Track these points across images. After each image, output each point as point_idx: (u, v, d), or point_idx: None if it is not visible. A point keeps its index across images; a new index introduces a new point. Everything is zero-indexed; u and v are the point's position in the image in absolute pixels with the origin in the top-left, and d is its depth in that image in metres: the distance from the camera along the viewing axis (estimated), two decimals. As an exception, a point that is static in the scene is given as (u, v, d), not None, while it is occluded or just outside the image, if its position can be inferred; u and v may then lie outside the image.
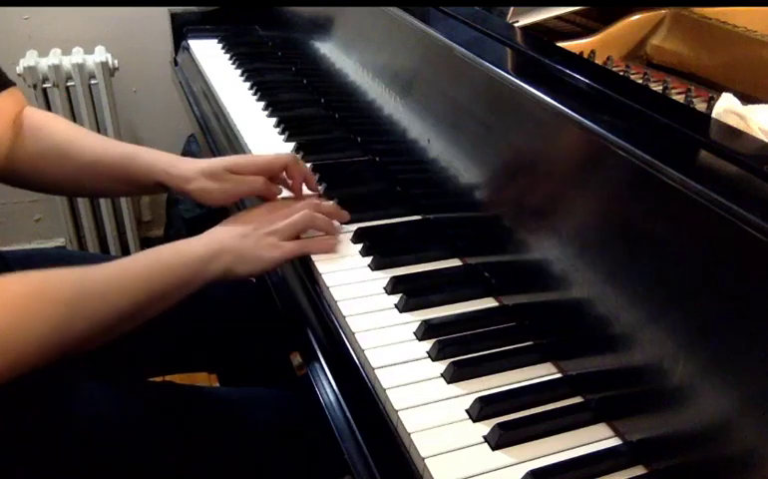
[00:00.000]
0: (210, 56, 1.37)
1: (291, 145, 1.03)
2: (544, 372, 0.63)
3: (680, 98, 0.83)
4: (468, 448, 0.55)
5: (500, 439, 0.55)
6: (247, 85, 1.23)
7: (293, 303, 0.78)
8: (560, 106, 0.63)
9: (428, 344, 0.65)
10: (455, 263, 0.78)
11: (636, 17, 0.96)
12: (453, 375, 0.61)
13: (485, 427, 0.57)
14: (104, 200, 1.85)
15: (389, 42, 0.94)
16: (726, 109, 0.63)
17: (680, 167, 0.51)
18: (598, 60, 0.91)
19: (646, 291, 0.54)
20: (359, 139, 1.04)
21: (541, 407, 0.59)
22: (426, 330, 0.66)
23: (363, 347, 0.65)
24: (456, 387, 0.61)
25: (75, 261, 0.99)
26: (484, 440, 0.56)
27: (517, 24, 0.89)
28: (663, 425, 0.52)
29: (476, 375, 0.62)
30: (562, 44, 0.86)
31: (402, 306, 0.70)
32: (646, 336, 0.53)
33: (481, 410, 0.58)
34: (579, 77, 0.67)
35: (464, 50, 0.76)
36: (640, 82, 0.86)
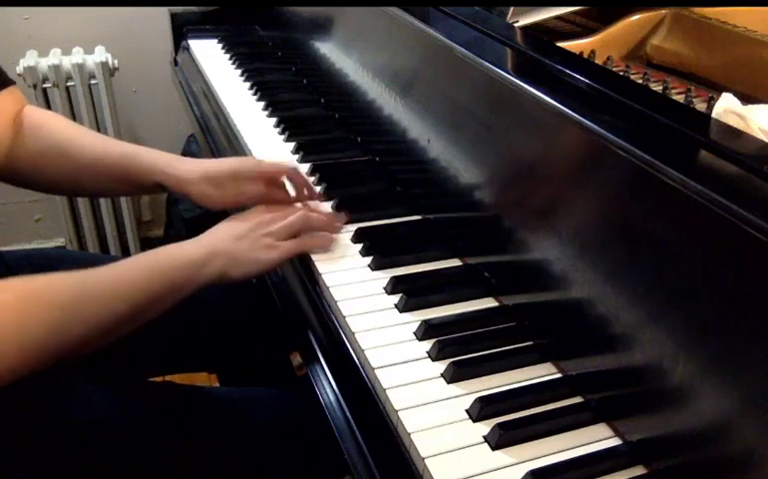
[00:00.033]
0: (210, 56, 1.37)
1: (291, 145, 1.03)
2: (544, 372, 0.63)
3: (680, 98, 0.83)
4: (468, 448, 0.55)
5: (500, 439, 0.55)
6: (247, 85, 1.23)
7: (293, 303, 0.78)
8: (560, 106, 0.63)
9: (428, 344, 0.65)
10: (455, 263, 0.78)
11: (636, 17, 0.96)
12: (453, 375, 0.61)
13: (485, 427, 0.57)
14: (104, 200, 1.84)
15: (389, 42, 0.94)
16: (726, 109, 0.63)
17: (680, 167, 0.51)
18: (598, 60, 0.91)
19: (646, 291, 0.54)
20: (359, 139, 1.04)
21: (541, 407, 0.59)
22: (426, 330, 0.66)
23: (363, 347, 0.65)
24: (456, 387, 0.61)
25: (75, 261, 1.00)
26: (484, 440, 0.56)
27: (517, 24, 0.89)
28: (663, 425, 0.52)
29: (476, 375, 0.62)
30: (562, 44, 0.86)
31: (402, 306, 0.70)
32: (646, 336, 0.53)
33: (481, 410, 0.58)
34: (579, 77, 0.67)
35: (464, 50, 0.76)
36: (640, 82, 0.86)
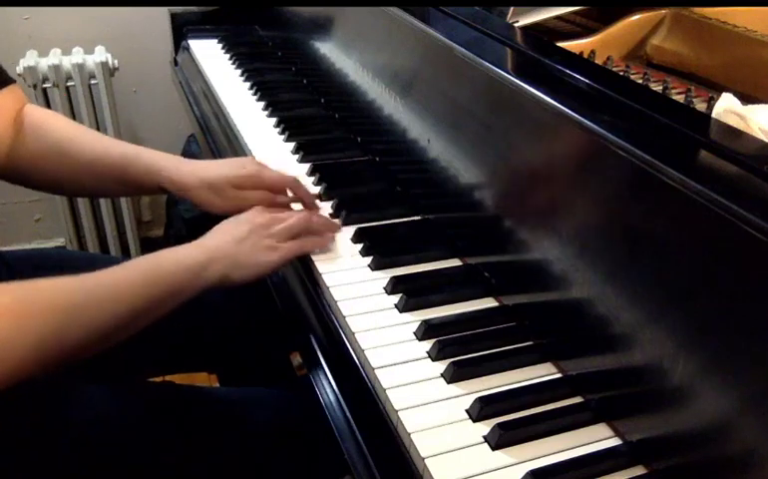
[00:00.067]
0: (210, 56, 1.37)
1: (291, 145, 1.03)
2: (544, 372, 0.63)
3: (680, 98, 0.83)
4: (468, 448, 0.55)
5: (500, 439, 0.55)
6: (247, 85, 1.23)
7: (293, 303, 0.78)
8: (560, 106, 0.63)
9: (428, 344, 0.65)
10: (455, 263, 0.78)
11: (636, 17, 0.96)
12: (453, 375, 0.61)
13: (485, 427, 0.57)
14: (104, 200, 1.84)
15: (389, 42, 0.94)
16: (726, 109, 0.63)
17: (680, 167, 0.51)
18: (598, 60, 0.91)
19: (646, 291, 0.54)
20: (359, 139, 1.04)
21: (541, 407, 0.59)
22: (426, 330, 0.66)
23: (363, 347, 0.65)
24: (456, 387, 0.61)
25: (75, 261, 1.00)
26: (484, 440, 0.56)
27: (517, 24, 0.89)
28: (663, 425, 0.52)
29: (476, 375, 0.62)
30: (562, 44, 0.86)
31: (402, 306, 0.70)
32: (646, 336, 0.53)
33: (481, 410, 0.58)
34: (579, 77, 0.67)
35: (464, 50, 0.76)
36: (640, 82, 0.86)
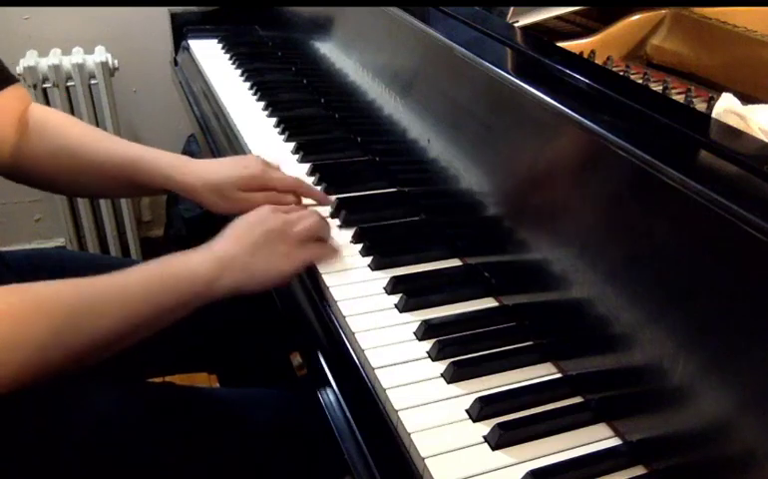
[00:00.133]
0: (210, 56, 1.37)
1: (291, 145, 1.03)
2: (544, 372, 0.63)
3: (680, 98, 0.83)
4: (468, 448, 0.55)
5: (500, 439, 0.55)
6: (247, 85, 1.23)
7: (293, 303, 0.78)
8: (560, 106, 0.63)
9: (428, 344, 0.65)
10: (455, 263, 0.78)
11: (636, 17, 0.96)
12: (453, 375, 0.61)
13: (485, 427, 0.57)
14: (104, 200, 1.84)
15: (389, 42, 0.94)
16: (726, 109, 0.63)
17: (680, 167, 0.51)
18: (598, 60, 0.91)
19: (646, 291, 0.54)
20: (359, 139, 1.04)
21: (541, 407, 0.59)
22: (426, 330, 0.66)
23: (363, 347, 0.65)
24: (456, 387, 0.61)
25: (75, 262, 1.00)
26: (484, 440, 0.56)
27: (517, 24, 0.89)
28: (663, 425, 0.52)
29: (476, 375, 0.62)
30: (562, 44, 0.86)
31: (402, 306, 0.70)
32: (646, 336, 0.53)
33: (481, 410, 0.58)
34: (579, 77, 0.67)
35: (464, 50, 0.76)
36: (640, 82, 0.86)
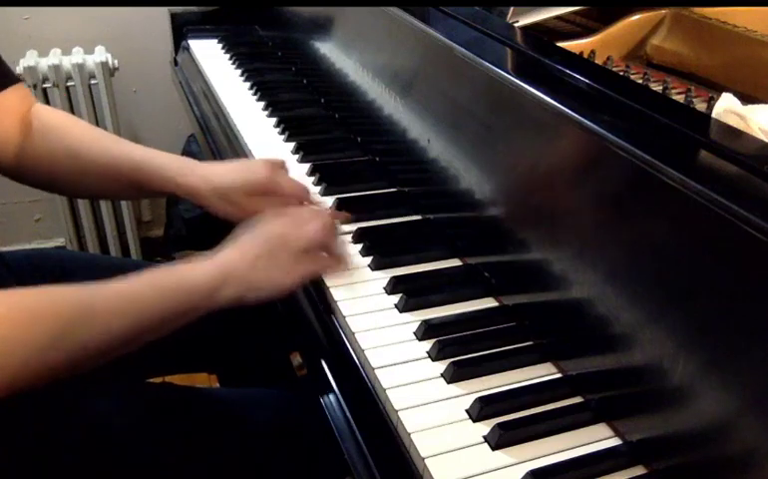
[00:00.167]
0: (210, 56, 1.37)
1: (291, 145, 1.03)
2: (544, 372, 0.63)
3: (680, 98, 0.83)
4: (468, 448, 0.56)
5: (500, 439, 0.55)
6: (247, 85, 1.23)
7: (293, 304, 0.78)
8: (560, 106, 0.63)
9: (428, 344, 0.65)
10: (455, 263, 0.78)
11: (636, 17, 0.96)
12: (453, 375, 0.61)
13: (485, 427, 0.57)
14: (104, 200, 1.84)
15: (389, 42, 0.94)
16: (726, 109, 0.63)
17: (680, 167, 0.51)
18: (598, 60, 0.91)
19: (646, 291, 0.54)
20: (359, 139, 1.04)
21: (541, 407, 0.59)
22: (426, 330, 0.66)
23: (363, 347, 0.65)
24: (456, 387, 0.61)
25: (75, 262, 1.00)
26: (484, 440, 0.56)
27: (517, 24, 0.89)
28: (663, 425, 0.52)
29: (476, 375, 0.62)
30: (562, 44, 0.86)
31: (402, 306, 0.70)
32: (646, 336, 0.53)
33: (481, 410, 0.58)
34: (579, 77, 0.67)
35: (464, 50, 0.76)
36: (640, 82, 0.86)
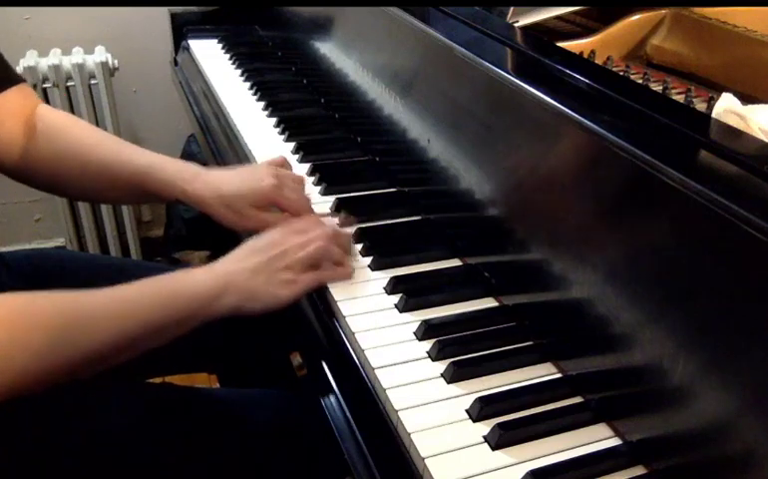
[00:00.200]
0: (210, 56, 1.37)
1: (291, 145, 1.03)
2: (544, 372, 0.63)
3: (680, 98, 0.83)
4: (468, 448, 0.55)
5: (500, 439, 0.55)
6: (247, 85, 1.23)
7: (293, 304, 0.78)
8: (560, 106, 0.63)
9: (428, 344, 0.65)
10: (455, 263, 0.78)
11: (636, 17, 0.96)
12: (453, 375, 0.61)
13: (485, 427, 0.57)
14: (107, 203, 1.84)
15: (389, 42, 0.94)
16: (726, 109, 0.63)
17: (680, 167, 0.51)
18: (598, 60, 0.91)
19: (646, 291, 0.54)
20: (359, 139, 1.04)
21: (541, 407, 0.59)
22: (426, 330, 0.66)
23: (363, 347, 0.65)
24: (456, 387, 0.61)
25: (75, 262, 1.00)
26: (484, 440, 0.56)
27: (517, 24, 0.89)
28: (663, 425, 0.52)
29: (476, 375, 0.62)
30: (562, 44, 0.86)
31: (402, 306, 0.70)
32: (646, 336, 0.53)
33: (481, 410, 0.58)
34: (579, 77, 0.67)
35: (464, 50, 0.76)
36: (640, 82, 0.86)
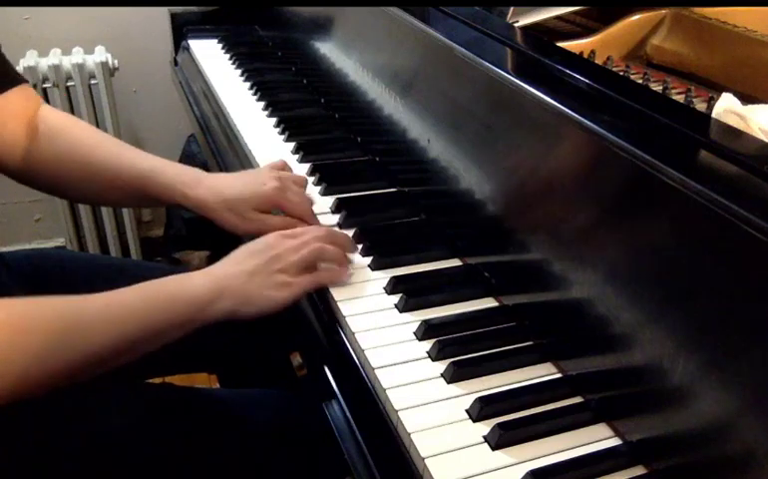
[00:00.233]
0: (210, 56, 1.37)
1: (291, 145, 1.03)
2: (544, 372, 0.63)
3: (680, 98, 0.83)
4: (468, 448, 0.55)
5: (500, 439, 0.55)
6: (247, 85, 1.23)
7: (290, 306, 0.78)
8: (560, 106, 0.63)
9: (428, 344, 0.65)
10: (455, 263, 0.78)
11: (636, 17, 0.96)
12: (453, 375, 0.61)
13: (485, 427, 0.57)
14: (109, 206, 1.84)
15: (389, 42, 0.94)
16: (726, 109, 0.63)
17: (680, 167, 0.51)
18: (598, 60, 0.91)
19: (646, 291, 0.54)
20: (359, 139, 1.04)
21: (541, 407, 0.59)
22: (426, 330, 0.66)
23: (363, 347, 0.65)
24: (456, 387, 0.61)
25: (75, 262, 1.00)
26: (484, 440, 0.56)
27: (517, 24, 0.89)
28: (663, 425, 0.52)
29: (476, 375, 0.62)
30: (562, 44, 0.86)
31: (402, 306, 0.70)
32: (646, 336, 0.53)
33: (481, 410, 0.58)
34: (579, 77, 0.67)
35: (464, 50, 0.76)
36: (640, 82, 0.86)
